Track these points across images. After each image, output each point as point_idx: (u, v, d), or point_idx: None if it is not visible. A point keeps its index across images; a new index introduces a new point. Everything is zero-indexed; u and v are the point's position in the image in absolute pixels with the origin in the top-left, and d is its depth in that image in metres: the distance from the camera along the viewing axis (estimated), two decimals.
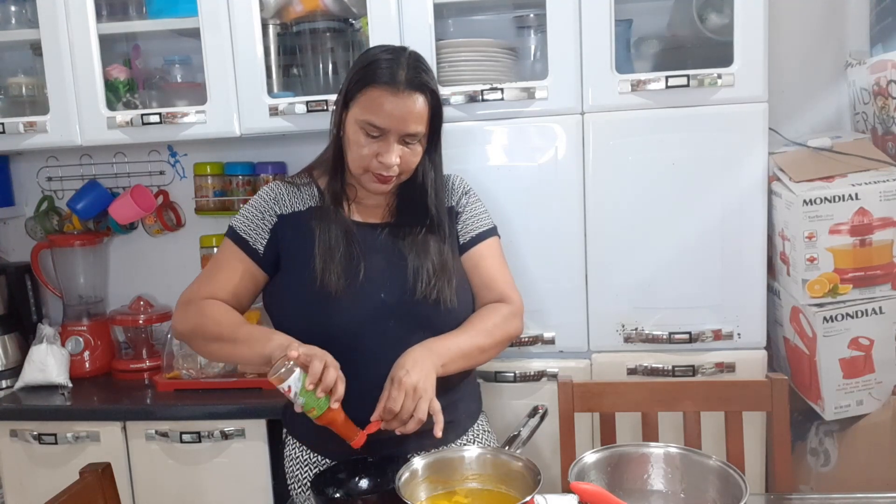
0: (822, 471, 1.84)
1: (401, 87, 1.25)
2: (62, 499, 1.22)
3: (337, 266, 1.28)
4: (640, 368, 1.80)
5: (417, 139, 1.31)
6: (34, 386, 2.07)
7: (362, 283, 1.29)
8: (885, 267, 1.70)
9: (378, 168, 1.29)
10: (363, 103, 1.27)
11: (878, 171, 1.73)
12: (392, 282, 1.31)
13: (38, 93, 2.08)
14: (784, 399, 1.43)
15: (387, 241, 1.36)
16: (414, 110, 1.27)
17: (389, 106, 1.25)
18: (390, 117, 1.25)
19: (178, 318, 1.36)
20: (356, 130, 1.28)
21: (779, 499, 1.32)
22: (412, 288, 1.31)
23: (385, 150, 1.27)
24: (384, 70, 1.26)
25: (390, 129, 1.26)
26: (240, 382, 1.96)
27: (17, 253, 2.39)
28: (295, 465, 1.41)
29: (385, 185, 1.32)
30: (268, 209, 1.38)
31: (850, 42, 1.97)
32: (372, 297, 1.29)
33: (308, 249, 1.31)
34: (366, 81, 1.27)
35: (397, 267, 1.33)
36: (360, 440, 1.19)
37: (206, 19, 1.87)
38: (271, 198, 1.39)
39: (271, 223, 1.36)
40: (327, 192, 1.37)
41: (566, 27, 1.74)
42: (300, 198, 1.38)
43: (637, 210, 1.77)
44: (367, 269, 1.30)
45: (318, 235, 1.31)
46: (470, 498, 1.10)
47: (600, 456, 1.12)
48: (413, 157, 1.32)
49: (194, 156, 2.27)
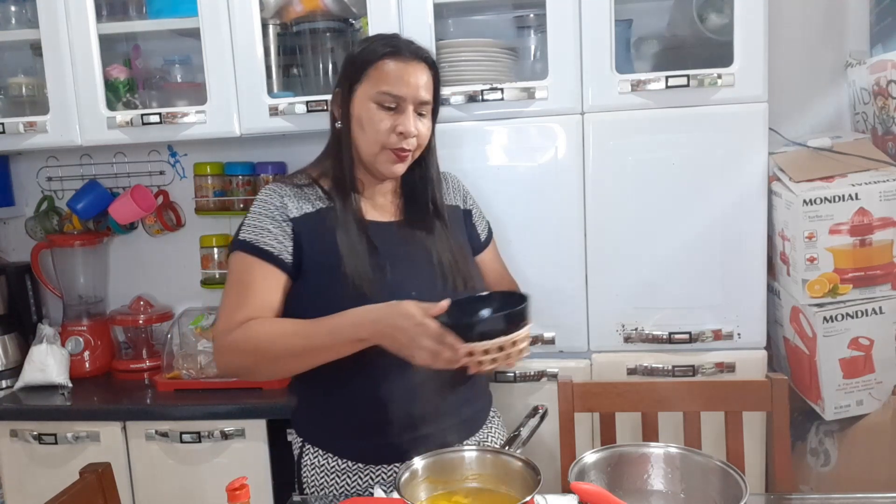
0: (822, 471, 1.84)
1: (409, 56, 1.30)
2: (62, 499, 1.22)
3: (366, 266, 1.28)
4: (640, 368, 1.80)
5: (428, 111, 1.34)
6: (34, 386, 2.07)
7: (391, 281, 1.29)
8: (885, 267, 1.70)
9: (396, 142, 1.30)
10: (375, 78, 1.29)
11: (878, 171, 1.73)
12: (419, 278, 1.32)
13: (38, 93, 2.08)
14: (784, 399, 1.43)
15: (404, 238, 1.37)
16: (423, 78, 1.31)
17: (404, 73, 1.29)
18: (407, 85, 1.29)
19: (225, 352, 1.26)
20: (370, 108, 1.30)
21: (779, 499, 1.32)
22: (439, 282, 1.33)
23: (403, 121, 1.30)
24: (390, 43, 1.31)
25: (407, 96, 1.29)
26: (240, 382, 1.96)
27: (17, 253, 2.39)
28: (318, 473, 1.36)
29: (402, 163, 1.34)
30: (278, 215, 1.31)
31: (850, 42, 1.97)
32: (402, 294, 1.28)
33: (331, 251, 1.29)
34: (375, 57, 1.30)
35: (421, 262, 1.34)
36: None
37: (206, 19, 1.87)
38: (278, 202, 1.32)
39: (289, 228, 1.30)
40: (335, 191, 1.35)
41: (566, 27, 1.74)
42: (306, 199, 1.35)
43: (637, 210, 1.77)
44: (393, 267, 1.31)
45: (339, 237, 1.30)
46: (470, 498, 1.10)
47: (600, 456, 1.12)
48: (425, 130, 1.34)
49: (194, 156, 2.27)
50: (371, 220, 1.36)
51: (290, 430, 1.50)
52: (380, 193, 1.40)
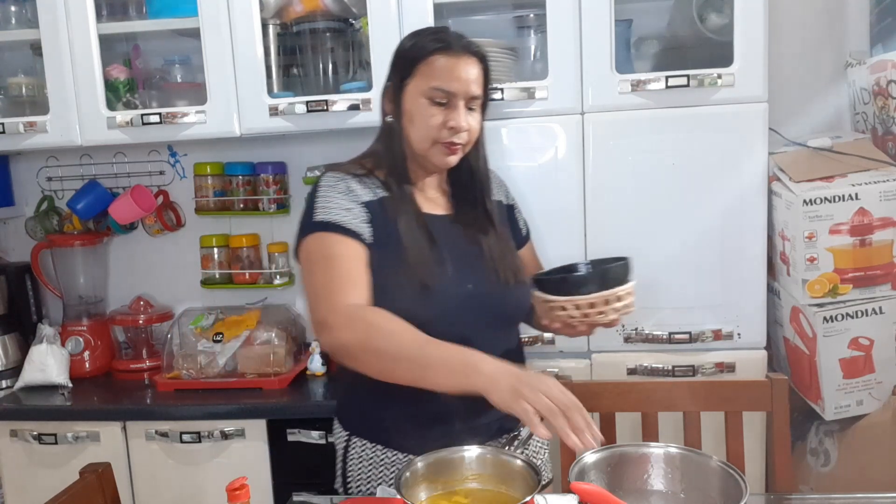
0: (822, 471, 1.84)
1: (460, 50, 1.30)
2: (62, 499, 1.22)
3: (427, 258, 1.29)
4: (640, 368, 1.80)
5: (478, 105, 1.34)
6: (34, 386, 2.07)
7: (450, 274, 1.30)
8: (885, 267, 1.70)
9: (448, 136, 1.30)
10: (426, 73, 1.29)
11: (878, 171, 1.73)
12: (475, 271, 1.33)
13: (38, 93, 2.08)
14: (784, 399, 1.43)
15: (458, 231, 1.38)
16: (474, 72, 1.32)
17: (454, 68, 1.29)
18: (458, 79, 1.29)
19: (342, 326, 1.17)
20: (421, 103, 1.30)
21: (779, 499, 1.32)
22: (494, 275, 1.34)
23: (454, 116, 1.30)
24: (441, 38, 1.31)
25: (458, 91, 1.29)
26: (240, 382, 1.96)
27: (17, 253, 2.39)
28: (365, 466, 1.36)
29: (454, 156, 1.34)
30: (350, 199, 1.30)
31: (850, 42, 1.97)
32: (460, 287, 1.30)
33: (393, 241, 1.29)
34: (425, 52, 1.30)
35: (475, 256, 1.35)
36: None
37: (206, 19, 1.87)
38: (344, 186, 1.31)
39: (363, 212, 1.29)
40: (392, 181, 1.35)
41: (566, 27, 1.74)
42: (367, 188, 1.34)
43: (637, 210, 1.77)
44: (451, 260, 1.31)
45: (401, 227, 1.30)
46: (470, 498, 1.10)
47: (600, 456, 1.12)
48: (476, 124, 1.35)
49: (194, 156, 2.27)
50: (427, 212, 1.37)
51: (334, 424, 1.45)
52: (430, 186, 1.41)
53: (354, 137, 2.14)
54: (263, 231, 2.28)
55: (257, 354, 2.01)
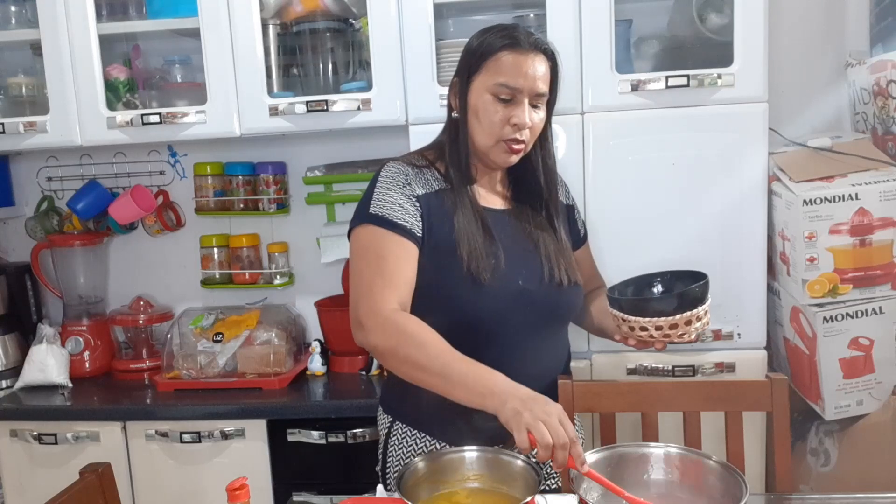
0: (822, 471, 1.84)
1: (528, 48, 1.30)
2: (62, 499, 1.22)
3: (481, 251, 1.29)
4: (640, 368, 1.80)
5: (543, 102, 1.34)
6: (34, 386, 2.07)
7: (503, 269, 1.30)
8: (885, 267, 1.70)
9: (510, 133, 1.31)
10: (493, 69, 1.30)
11: (878, 171, 1.73)
12: (527, 268, 1.34)
13: (38, 93, 2.08)
14: (784, 399, 1.42)
15: (514, 227, 1.39)
16: (542, 69, 1.31)
17: (521, 65, 1.29)
18: (524, 77, 1.29)
19: (376, 330, 1.22)
20: (486, 99, 1.31)
21: (779, 499, 1.32)
22: (547, 273, 1.34)
23: (518, 112, 1.30)
24: (509, 35, 1.31)
25: (523, 88, 1.29)
26: (240, 382, 1.97)
27: (17, 253, 2.39)
28: (405, 453, 1.38)
29: (515, 155, 1.34)
30: (406, 191, 1.32)
31: (850, 42, 1.97)
32: (512, 283, 1.31)
33: (448, 233, 1.30)
34: (493, 49, 1.31)
35: (530, 252, 1.36)
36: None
37: (206, 19, 1.87)
38: (402, 179, 1.33)
39: (418, 206, 1.31)
40: (453, 174, 1.36)
41: (566, 27, 1.74)
42: (426, 179, 1.36)
43: (637, 210, 1.77)
44: (505, 254, 1.32)
45: (457, 220, 1.31)
46: (471, 498, 1.10)
47: (600, 456, 1.12)
48: (539, 122, 1.35)
49: (194, 156, 2.27)
50: (485, 206, 1.38)
51: (379, 410, 1.47)
52: (490, 182, 1.42)
53: (354, 137, 2.16)
54: (263, 231, 2.28)
55: (257, 354, 2.01)
